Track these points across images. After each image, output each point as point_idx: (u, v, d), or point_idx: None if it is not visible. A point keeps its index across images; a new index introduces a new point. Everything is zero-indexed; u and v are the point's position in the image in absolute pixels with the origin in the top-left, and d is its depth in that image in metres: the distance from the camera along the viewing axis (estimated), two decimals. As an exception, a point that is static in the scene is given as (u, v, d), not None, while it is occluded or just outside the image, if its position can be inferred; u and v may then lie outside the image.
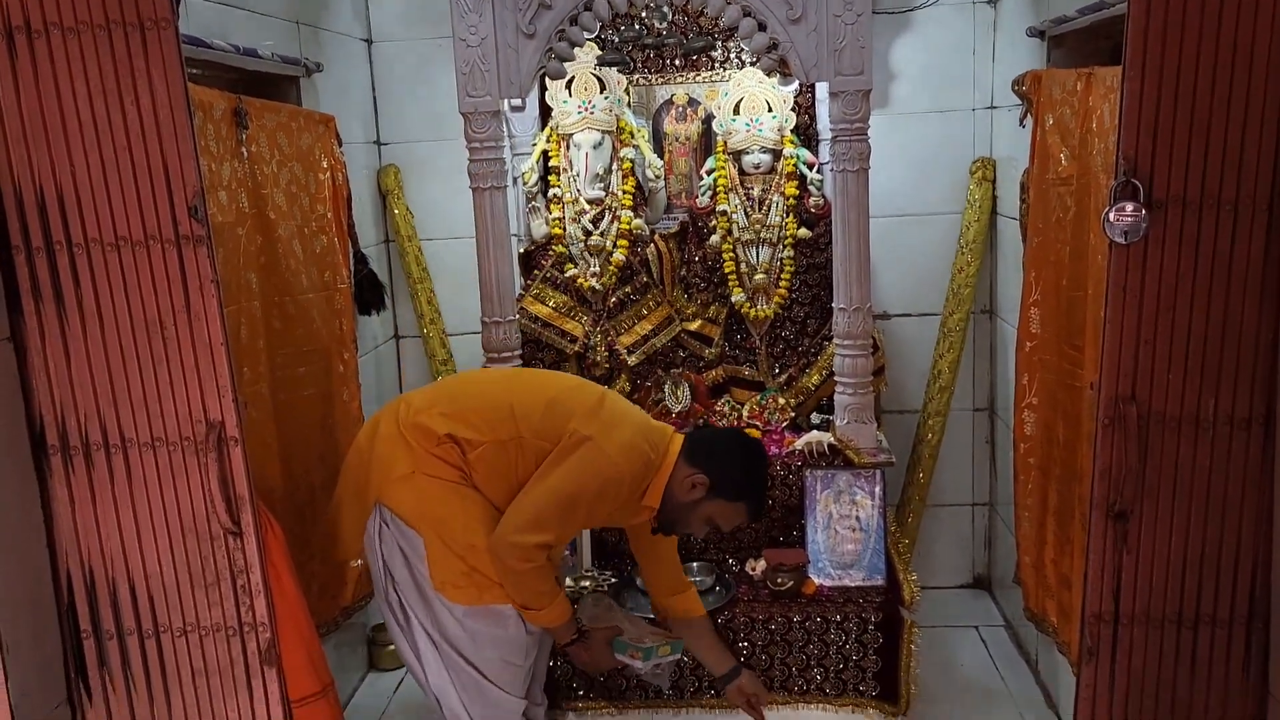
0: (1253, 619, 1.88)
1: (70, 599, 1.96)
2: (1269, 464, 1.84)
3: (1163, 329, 1.84)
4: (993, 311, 3.91)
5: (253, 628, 1.99)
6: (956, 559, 4.10)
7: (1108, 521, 1.89)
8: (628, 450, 2.47)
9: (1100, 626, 1.92)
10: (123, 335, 1.88)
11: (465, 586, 2.46)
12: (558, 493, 2.42)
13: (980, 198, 3.77)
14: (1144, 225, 1.81)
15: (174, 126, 1.85)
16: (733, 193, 3.60)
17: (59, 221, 1.87)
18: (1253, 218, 1.80)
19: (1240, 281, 1.80)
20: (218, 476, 1.92)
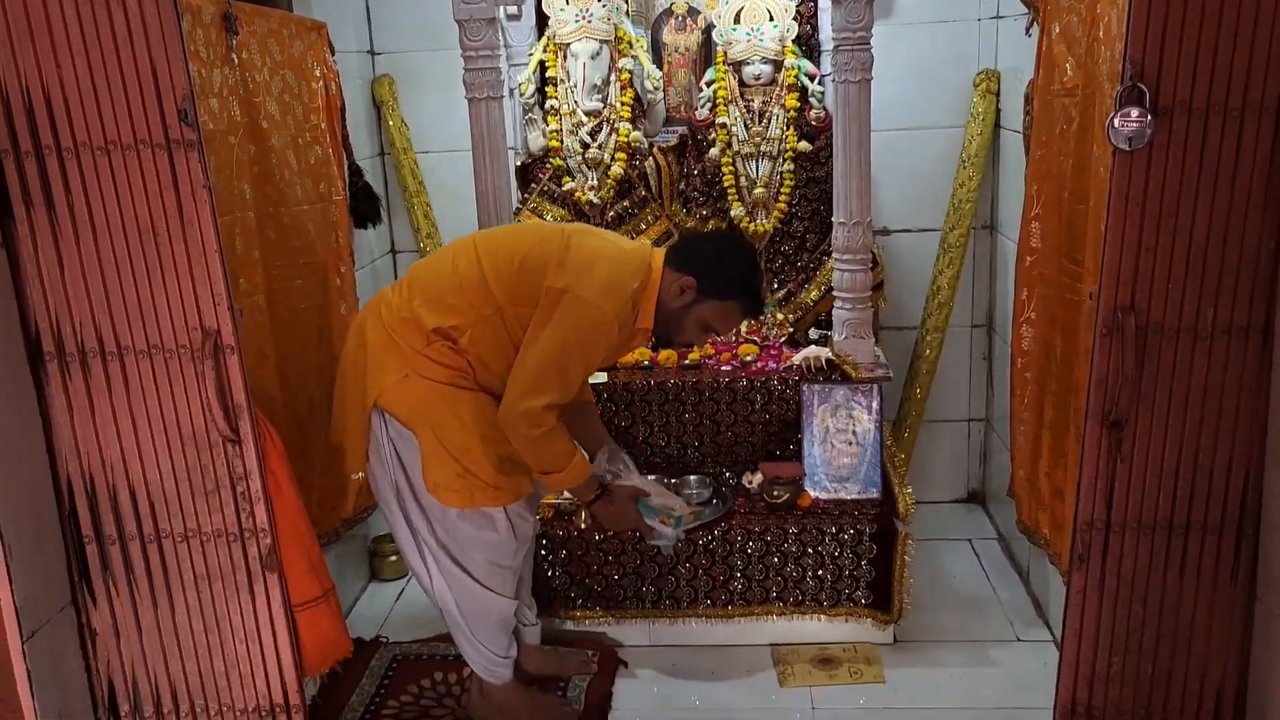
0: (1242, 525, 1.91)
1: (71, 505, 1.98)
2: (1265, 372, 1.85)
3: (1164, 237, 1.83)
4: (993, 227, 3.88)
5: (253, 534, 2.01)
6: (952, 474, 4.14)
7: (1102, 430, 1.90)
8: (607, 289, 2.42)
9: (1092, 533, 1.95)
10: (115, 241, 1.87)
11: (458, 489, 2.49)
12: (548, 353, 2.40)
13: (984, 110, 3.71)
14: (1149, 131, 1.79)
15: (162, 29, 1.82)
16: (732, 105, 3.55)
17: (48, 125, 1.84)
18: (1258, 124, 1.77)
19: (1244, 189, 1.78)
20: (215, 385, 1.93)
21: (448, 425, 2.47)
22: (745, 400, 3.29)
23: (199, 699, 2.08)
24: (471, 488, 2.49)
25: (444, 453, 2.47)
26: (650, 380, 3.29)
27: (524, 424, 2.40)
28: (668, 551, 2.91)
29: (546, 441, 2.43)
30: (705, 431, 3.32)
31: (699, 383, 3.28)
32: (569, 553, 3.12)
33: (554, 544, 3.11)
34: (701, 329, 2.56)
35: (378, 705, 2.91)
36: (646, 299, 2.51)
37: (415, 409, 2.47)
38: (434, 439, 2.47)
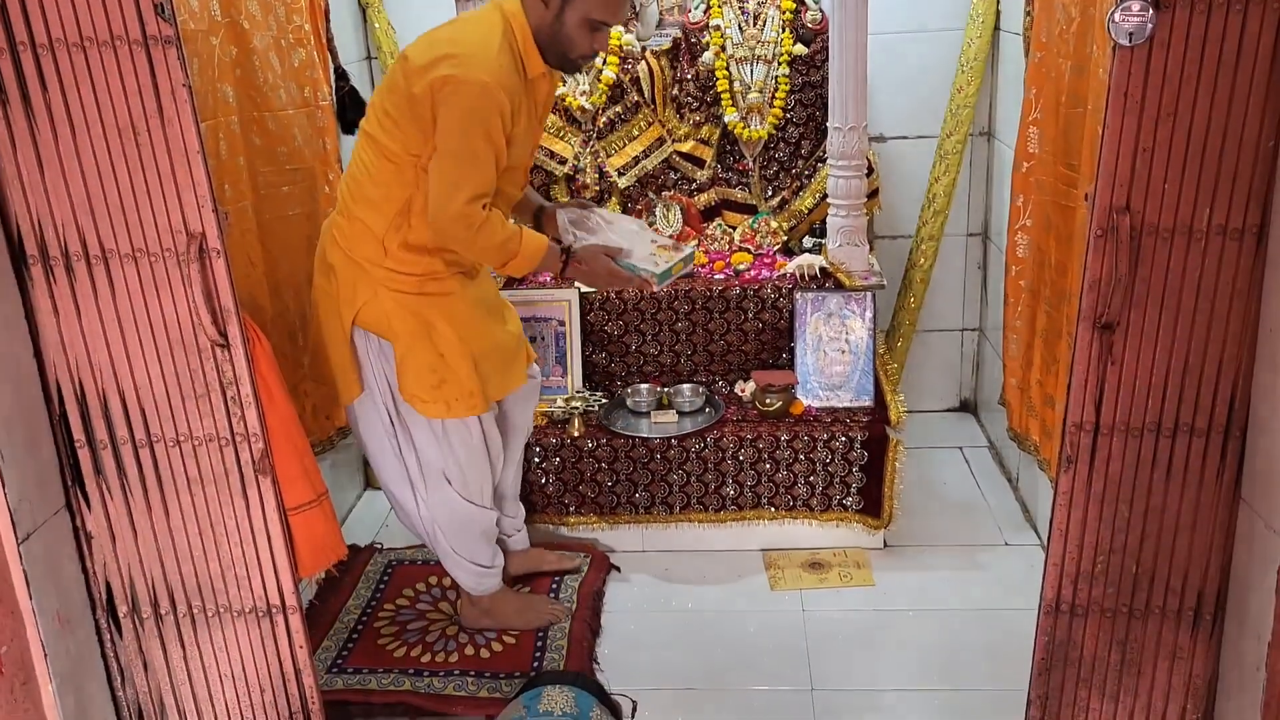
0: (1230, 427, 1.91)
1: (62, 409, 1.98)
2: (1258, 275, 1.83)
3: (1162, 137, 1.80)
4: (991, 133, 3.83)
5: (245, 438, 2.01)
6: (944, 383, 4.16)
7: (1094, 333, 1.89)
8: (472, 57, 2.25)
9: (1080, 436, 1.95)
10: (95, 141, 1.83)
11: (434, 400, 2.50)
12: (449, 147, 2.28)
13: (984, 12, 3.63)
14: (1150, 26, 1.74)
15: (135, -81, 1.75)
16: (727, 7, 3.47)
17: (21, 21, 1.78)
18: (1262, 19, 1.72)
19: (1245, 84, 1.74)
20: (201, 289, 1.91)
21: (419, 336, 2.46)
22: (738, 308, 3.28)
23: (196, 600, 2.10)
24: (448, 397, 2.50)
25: (419, 362, 2.47)
26: (642, 289, 3.27)
27: (457, 227, 2.31)
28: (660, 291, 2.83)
29: (486, 234, 2.32)
30: (698, 340, 3.32)
31: (691, 291, 3.27)
32: (562, 459, 3.14)
33: (546, 451, 3.13)
34: (589, 30, 2.33)
35: (374, 608, 2.96)
36: (522, 42, 2.34)
37: (388, 322, 2.46)
38: (408, 349, 2.47)
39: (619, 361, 3.36)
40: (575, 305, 3.27)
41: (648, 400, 3.24)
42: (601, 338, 3.33)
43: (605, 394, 3.33)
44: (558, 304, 3.28)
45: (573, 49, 2.36)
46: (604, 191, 3.61)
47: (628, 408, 3.24)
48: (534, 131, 2.52)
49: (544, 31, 2.34)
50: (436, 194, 2.31)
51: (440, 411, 2.52)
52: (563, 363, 3.29)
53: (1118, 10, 1.75)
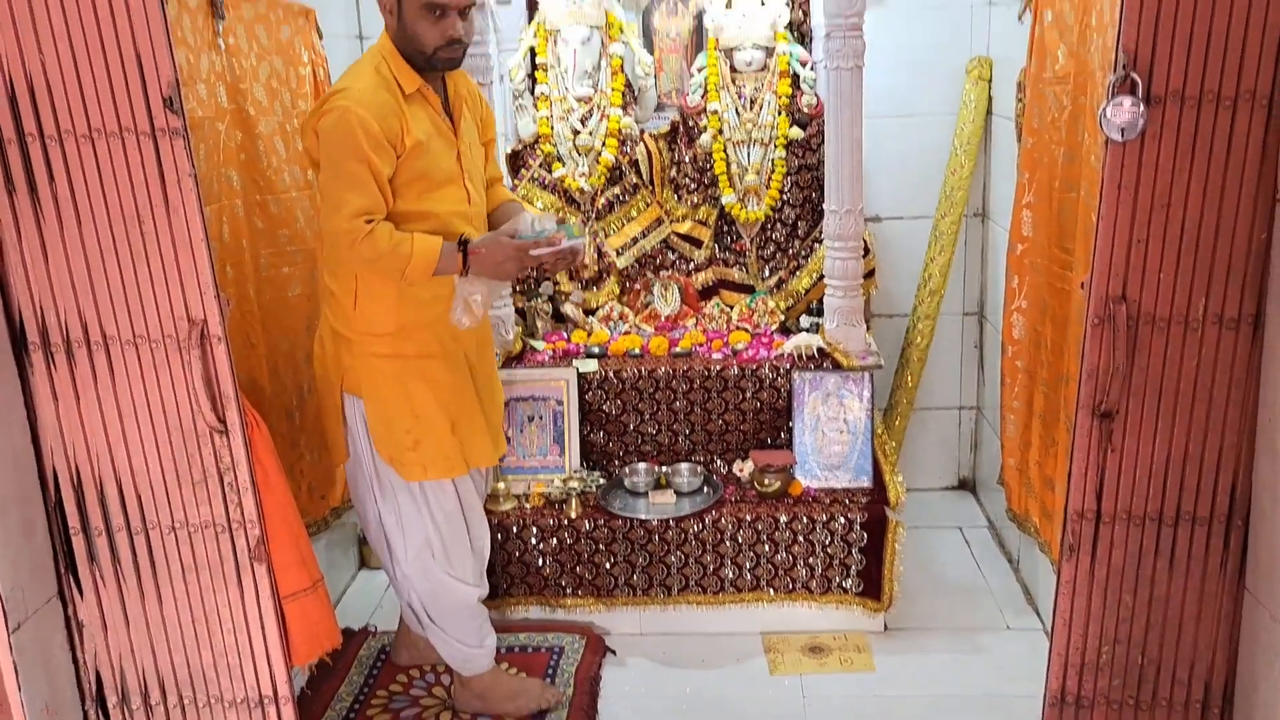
0: (1232, 517, 1.91)
1: (58, 495, 1.97)
2: (1254, 364, 1.85)
3: (1156, 228, 1.82)
4: (985, 215, 3.88)
5: (241, 524, 2.00)
6: (942, 462, 4.15)
7: (1093, 420, 1.90)
8: (347, 89, 2.31)
9: (1082, 524, 1.95)
10: (100, 229, 1.85)
11: (409, 463, 2.50)
12: (329, 173, 2.31)
13: (976, 98, 3.70)
14: (1142, 121, 1.78)
15: (146, 16, 1.79)
16: (724, 91, 3.53)
17: (30, 112, 1.82)
18: (1250, 115, 1.76)
19: (1235, 179, 1.78)
20: (201, 374, 1.91)
21: (395, 396, 2.48)
22: (736, 388, 3.28)
23: (187, 690, 2.07)
24: (425, 459, 2.51)
25: (396, 423, 2.48)
26: (641, 368, 3.28)
27: (341, 243, 2.29)
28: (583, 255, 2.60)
29: (370, 245, 2.28)
30: (696, 419, 3.32)
31: (690, 370, 3.27)
32: (559, 541, 3.11)
33: (543, 532, 3.11)
34: (430, 18, 2.33)
35: (366, 695, 2.90)
36: (393, 64, 2.38)
37: (367, 385, 2.49)
38: (384, 410, 2.49)
39: (617, 440, 3.35)
40: (573, 384, 3.28)
41: (645, 480, 3.22)
42: (599, 417, 3.32)
43: (603, 474, 3.31)
44: (555, 383, 3.28)
45: (425, 44, 2.36)
46: (602, 271, 3.63)
47: (625, 488, 3.23)
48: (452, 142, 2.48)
49: (401, 42, 2.38)
50: (323, 218, 2.34)
51: (418, 474, 2.52)
52: (560, 442, 3.28)
53: (1109, 105, 1.79)
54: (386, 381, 2.48)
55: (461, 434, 2.55)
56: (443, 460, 2.52)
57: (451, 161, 2.48)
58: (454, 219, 2.48)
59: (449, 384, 2.54)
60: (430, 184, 2.42)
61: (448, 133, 2.48)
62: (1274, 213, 1.79)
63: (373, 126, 2.27)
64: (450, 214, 2.47)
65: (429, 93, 2.44)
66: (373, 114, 2.28)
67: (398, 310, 2.45)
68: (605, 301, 3.61)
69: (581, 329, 3.51)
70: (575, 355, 3.36)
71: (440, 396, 2.51)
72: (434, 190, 2.44)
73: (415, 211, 2.40)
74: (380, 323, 2.45)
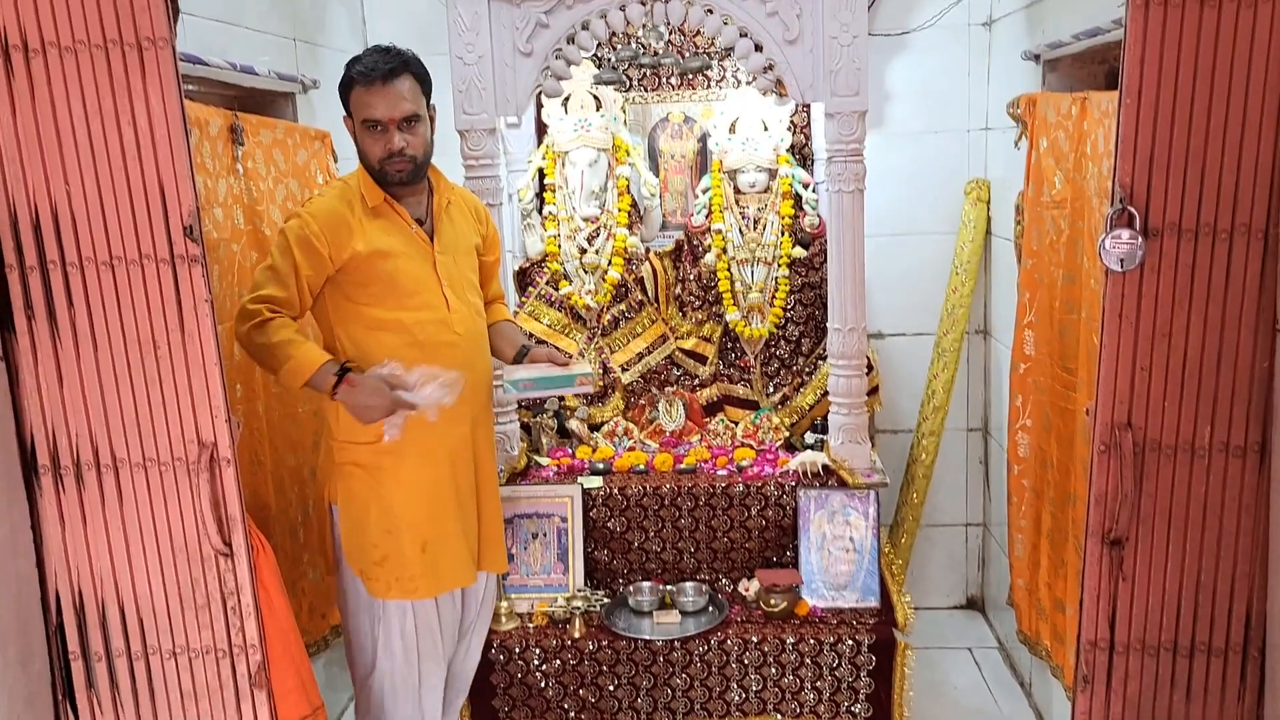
0: (1248, 648, 1.88)
1: (59, 620, 1.95)
2: (1263, 492, 1.84)
3: (1159, 356, 1.84)
4: (987, 332, 3.92)
5: (243, 650, 1.97)
6: (950, 580, 4.10)
7: (1103, 548, 1.89)
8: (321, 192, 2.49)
9: (1096, 654, 1.92)
10: (115, 355, 1.87)
11: (375, 579, 2.47)
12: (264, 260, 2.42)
13: (975, 219, 3.78)
14: (1140, 253, 1.81)
15: (170, 147, 1.84)
16: (728, 211, 3.61)
17: (53, 240, 1.86)
18: (1247, 247, 1.80)
19: (1235, 310, 1.80)
20: (209, 497, 1.91)
21: (368, 508, 2.46)
22: (741, 505, 3.27)
23: (181, 822, 2.01)
24: (389, 577, 2.47)
25: (365, 536, 2.46)
26: (646, 485, 3.27)
27: (241, 318, 2.33)
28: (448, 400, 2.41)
29: (258, 333, 2.30)
30: (701, 537, 3.30)
31: (695, 487, 3.27)
32: (562, 662, 3.06)
33: (546, 653, 3.06)
34: (368, 133, 2.40)
35: (364, 823, 2.81)
36: (362, 179, 2.45)
37: (343, 493, 2.50)
38: (356, 522, 2.48)
39: (621, 559, 3.32)
40: (578, 501, 3.26)
41: (650, 600, 3.18)
42: (604, 534, 3.30)
43: (607, 592, 3.27)
44: (560, 500, 3.27)
45: (371, 159, 2.43)
46: (607, 387, 3.66)
47: (630, 607, 3.19)
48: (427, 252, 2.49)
49: (361, 159, 2.47)
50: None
51: (381, 590, 2.48)
52: (564, 560, 3.25)
53: (1108, 238, 1.82)
54: (360, 491, 2.47)
55: (433, 553, 2.49)
56: (407, 581, 2.47)
57: (427, 270, 2.49)
58: (430, 326, 2.47)
59: (426, 498, 2.49)
60: (400, 291, 2.45)
61: (419, 242, 2.49)
62: (1275, 343, 1.81)
63: (312, 230, 2.35)
64: (426, 321, 2.47)
65: (397, 205, 2.48)
66: (319, 222, 2.37)
67: None
68: (610, 417, 3.63)
69: (586, 444, 3.51)
70: (580, 471, 3.36)
71: (413, 513, 2.47)
72: (405, 297, 2.46)
73: (389, 319, 2.43)
74: (360, 430, 2.42)
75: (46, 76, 1.81)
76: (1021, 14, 3.39)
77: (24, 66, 1.81)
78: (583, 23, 3.05)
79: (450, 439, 2.51)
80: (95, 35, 1.80)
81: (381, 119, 2.38)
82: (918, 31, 3.71)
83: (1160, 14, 1.76)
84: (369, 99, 2.38)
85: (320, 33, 3.55)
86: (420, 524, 2.48)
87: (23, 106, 1.82)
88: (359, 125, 2.42)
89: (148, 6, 1.79)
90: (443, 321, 2.50)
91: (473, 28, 3.04)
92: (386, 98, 2.38)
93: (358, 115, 2.40)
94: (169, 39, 1.80)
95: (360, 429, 2.41)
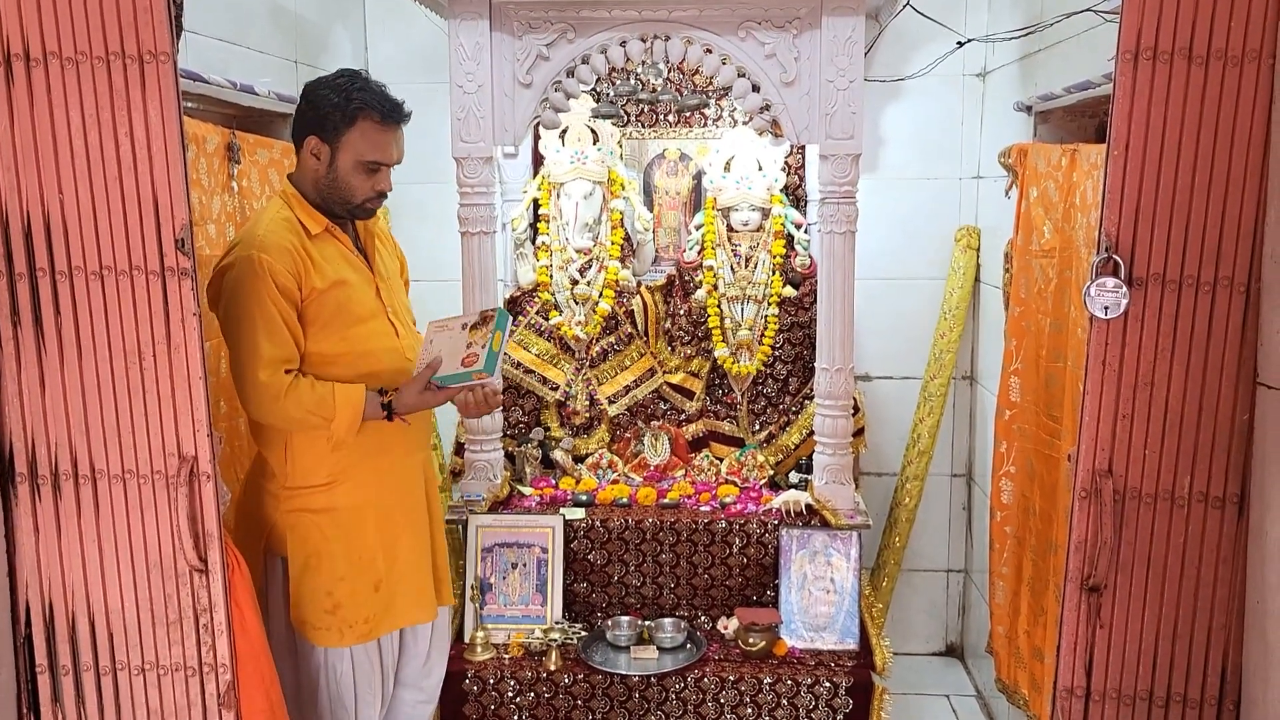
0: (1223, 700, 1.87)
1: (28, 632, 1.92)
2: (1240, 545, 1.85)
3: (1140, 405, 1.85)
4: (973, 378, 3.93)
5: (213, 669, 1.95)
6: (930, 625, 4.08)
7: (1082, 594, 1.89)
8: (246, 238, 2.30)
9: (1072, 701, 1.91)
10: (100, 364, 1.87)
11: (325, 628, 2.40)
12: (235, 326, 2.26)
13: (964, 265, 3.80)
14: (1124, 301, 1.83)
15: (166, 160, 1.85)
16: (720, 248, 3.63)
17: (44, 248, 1.86)
18: (1229, 300, 1.82)
19: (1217, 362, 1.82)
20: (187, 512, 1.90)
21: (320, 557, 2.38)
22: (723, 542, 3.26)
23: (141, 843, 1.98)
24: (341, 625, 2.40)
25: (318, 587, 2.38)
26: (628, 518, 3.26)
27: (263, 399, 2.25)
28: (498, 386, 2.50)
29: (294, 401, 2.25)
30: (682, 573, 3.28)
31: (677, 522, 3.26)
32: (536, 695, 3.03)
33: (521, 685, 3.03)
34: (364, 173, 2.35)
35: None
36: (298, 208, 2.35)
37: (293, 543, 2.40)
38: (305, 572, 2.39)
39: (600, 592, 3.30)
40: (559, 532, 3.25)
41: (628, 634, 3.16)
42: (584, 567, 3.28)
43: (585, 625, 3.25)
44: (541, 530, 3.25)
45: (354, 195, 2.36)
46: (594, 418, 3.65)
47: (607, 641, 3.16)
48: (369, 279, 2.46)
49: (321, 186, 2.36)
50: (236, 375, 2.28)
51: (333, 639, 2.41)
52: (543, 591, 3.23)
53: (1093, 285, 1.84)
54: (313, 538, 2.38)
55: (388, 591, 2.45)
56: (361, 624, 2.42)
57: (371, 297, 2.44)
58: (385, 355, 2.44)
59: (379, 539, 2.44)
60: (352, 319, 2.38)
61: (363, 269, 2.45)
62: (1255, 395, 1.83)
63: (279, 267, 2.26)
64: (381, 350, 2.43)
65: (337, 231, 2.41)
66: (276, 258, 2.26)
67: (331, 456, 2.37)
68: (595, 449, 3.62)
69: (570, 476, 3.50)
70: (562, 502, 3.35)
71: (367, 553, 2.42)
72: (357, 325, 2.39)
73: (345, 352, 2.36)
74: (314, 473, 2.37)
75: (46, 86, 1.82)
76: (1015, 66, 3.44)
77: (24, 75, 1.82)
78: (583, 57, 3.08)
79: (401, 468, 2.48)
80: (97, 47, 1.81)
81: (389, 163, 2.36)
82: (913, 79, 3.76)
83: (1149, 71, 1.79)
84: (382, 140, 2.33)
85: (322, 55, 3.58)
86: (373, 561, 2.43)
87: (21, 114, 1.83)
88: (353, 163, 2.33)
89: (150, 20, 1.80)
90: (394, 349, 2.47)
91: (474, 57, 3.07)
92: (398, 142, 2.38)
93: (359, 151, 2.32)
94: (170, 53, 1.81)
95: (314, 470, 2.36)
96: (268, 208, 2.41)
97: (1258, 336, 1.81)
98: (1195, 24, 1.77)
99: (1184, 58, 1.78)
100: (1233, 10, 1.76)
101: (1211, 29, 1.77)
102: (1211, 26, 1.77)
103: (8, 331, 1.86)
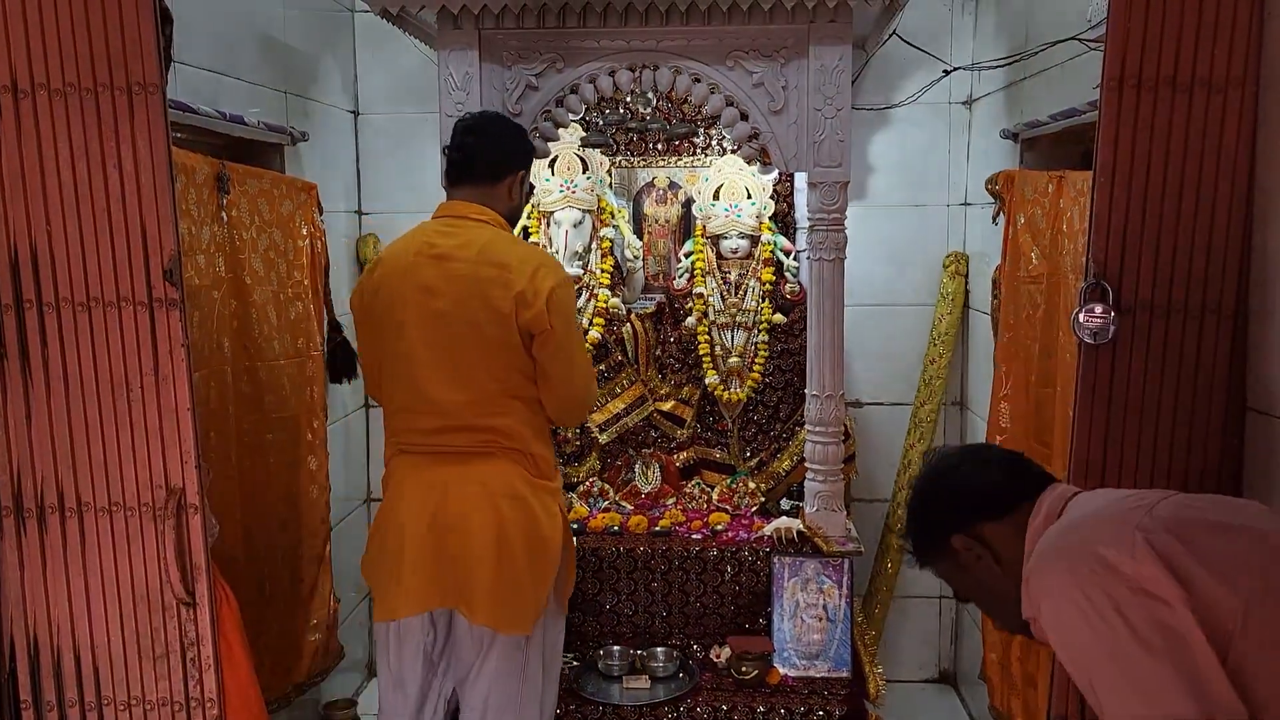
0: None
1: (12, 666, 1.90)
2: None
3: (1130, 430, 1.86)
4: (963, 403, 3.94)
5: (200, 703, 1.93)
6: (923, 653, 4.06)
7: (1074, 622, 1.88)
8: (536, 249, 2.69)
9: (1065, 731, 1.90)
10: (87, 396, 1.86)
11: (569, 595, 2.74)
12: (576, 334, 2.54)
13: (953, 291, 3.82)
14: (1112, 327, 1.84)
15: (155, 191, 1.85)
16: (710, 276, 3.64)
17: (31, 280, 1.85)
18: (1218, 327, 1.83)
19: (1205, 388, 1.82)
20: (174, 544, 1.88)
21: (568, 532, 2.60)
22: (715, 570, 3.24)
23: None
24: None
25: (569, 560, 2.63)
26: (619, 546, 3.25)
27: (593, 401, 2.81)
28: None
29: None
30: (674, 601, 3.26)
31: (669, 550, 3.24)
32: (529, 726, 3.00)
33: (514, 716, 2.99)
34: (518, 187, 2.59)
35: None
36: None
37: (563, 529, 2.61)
38: (567, 548, 2.62)
39: (592, 621, 3.28)
40: (551, 561, 3.22)
41: (620, 664, 3.14)
42: (576, 596, 3.25)
43: (576, 655, 3.22)
44: (533, 559, 3.23)
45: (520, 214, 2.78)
46: (585, 446, 3.64)
47: (599, 671, 3.14)
48: None
49: (513, 217, 2.64)
50: (581, 380, 2.54)
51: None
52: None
53: (1081, 312, 1.85)
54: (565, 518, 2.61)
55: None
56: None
57: None
58: None
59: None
60: None
61: None
62: (1245, 420, 1.83)
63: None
64: None
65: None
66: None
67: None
68: (586, 476, 3.61)
69: (561, 504, 3.49)
70: (554, 531, 3.32)
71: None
72: None
73: None
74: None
75: (35, 117, 1.82)
76: (1001, 94, 3.47)
77: (13, 107, 1.82)
78: (572, 86, 3.10)
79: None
80: (86, 79, 1.81)
81: None
82: (900, 107, 3.79)
83: (1133, 98, 1.81)
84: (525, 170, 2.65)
85: (312, 86, 3.59)
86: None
87: (9, 146, 1.82)
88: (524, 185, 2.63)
89: (140, 52, 1.80)
90: None
91: (463, 87, 3.08)
92: None
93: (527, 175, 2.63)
94: (160, 85, 1.82)
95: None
96: (514, 236, 2.62)
97: (1246, 362, 1.82)
98: (1179, 52, 1.79)
99: (1168, 85, 1.80)
100: (1215, 38, 1.78)
101: (1195, 57, 1.79)
102: (1195, 54, 1.79)
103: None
